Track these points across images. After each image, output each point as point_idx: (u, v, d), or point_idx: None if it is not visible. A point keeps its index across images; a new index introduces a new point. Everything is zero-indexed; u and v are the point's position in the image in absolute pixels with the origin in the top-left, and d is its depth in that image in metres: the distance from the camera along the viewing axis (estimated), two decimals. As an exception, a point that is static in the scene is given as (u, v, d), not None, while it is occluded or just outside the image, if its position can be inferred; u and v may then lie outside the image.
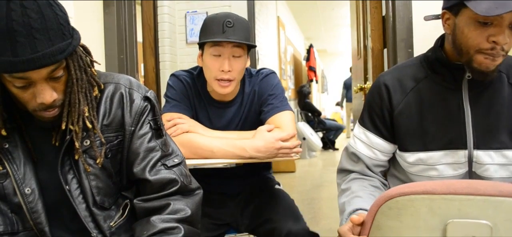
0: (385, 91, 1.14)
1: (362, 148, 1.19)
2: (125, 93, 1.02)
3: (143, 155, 1.02)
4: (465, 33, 0.99)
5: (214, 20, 1.40)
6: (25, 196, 0.94)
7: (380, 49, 2.28)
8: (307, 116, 7.55)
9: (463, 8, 0.98)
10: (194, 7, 3.50)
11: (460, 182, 0.72)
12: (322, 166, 6.14)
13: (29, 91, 0.86)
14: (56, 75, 0.87)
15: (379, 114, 1.16)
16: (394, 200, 0.74)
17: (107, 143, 1.00)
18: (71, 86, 0.91)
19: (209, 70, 1.42)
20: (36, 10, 0.80)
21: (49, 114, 0.90)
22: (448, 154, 1.08)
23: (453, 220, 0.70)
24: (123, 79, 1.05)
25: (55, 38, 0.82)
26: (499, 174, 1.07)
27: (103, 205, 1.01)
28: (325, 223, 3.23)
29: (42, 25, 0.80)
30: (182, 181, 1.02)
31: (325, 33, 11.55)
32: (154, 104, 1.05)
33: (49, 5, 0.82)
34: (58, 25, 0.83)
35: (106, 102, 1.00)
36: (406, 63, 1.19)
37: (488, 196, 0.69)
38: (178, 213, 0.98)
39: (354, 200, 1.06)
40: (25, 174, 0.95)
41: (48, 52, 0.81)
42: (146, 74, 3.33)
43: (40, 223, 0.96)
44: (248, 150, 1.34)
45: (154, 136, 1.04)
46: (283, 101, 1.48)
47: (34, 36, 0.79)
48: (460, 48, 1.01)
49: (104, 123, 1.00)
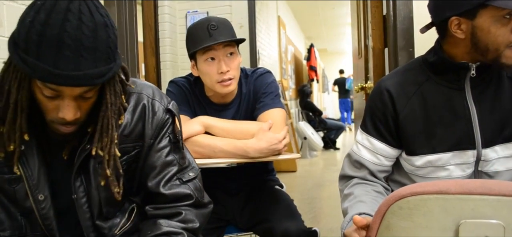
0: (388, 97, 1.14)
1: (365, 154, 1.18)
2: (147, 105, 1.00)
3: (159, 169, 0.99)
4: (493, 32, 1.00)
5: (198, 28, 1.42)
6: (38, 203, 0.92)
7: (381, 49, 2.28)
8: (308, 116, 7.54)
9: (481, 10, 0.99)
10: (194, 7, 3.50)
11: (473, 181, 0.71)
12: (323, 165, 6.14)
13: (54, 102, 0.83)
14: (87, 95, 0.84)
15: (382, 120, 1.15)
16: (406, 200, 0.73)
17: (124, 154, 0.97)
18: (105, 110, 0.88)
19: (208, 76, 1.43)
20: (92, 28, 0.77)
21: (66, 129, 0.87)
22: (456, 155, 1.08)
23: (466, 220, 0.69)
24: (145, 88, 1.02)
25: (100, 60, 0.79)
26: (506, 166, 1.08)
27: (108, 216, 1.00)
28: (326, 222, 3.23)
29: (92, 45, 0.77)
30: (196, 197, 1.01)
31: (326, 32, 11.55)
32: (175, 117, 1.03)
33: (105, 26, 0.80)
34: (107, 48, 0.80)
35: (128, 112, 0.97)
36: (405, 67, 1.19)
37: (502, 196, 0.68)
38: (187, 223, 0.97)
39: (357, 204, 1.06)
40: (39, 180, 0.91)
41: (90, 73, 0.78)
42: (147, 74, 3.33)
43: (52, 230, 0.95)
44: (250, 152, 1.34)
45: (172, 150, 1.02)
46: (274, 99, 1.49)
47: (81, 53, 0.76)
48: (487, 47, 1.02)
49: (124, 134, 0.97)
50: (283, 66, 6.73)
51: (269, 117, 1.43)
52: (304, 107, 7.61)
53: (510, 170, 1.09)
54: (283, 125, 1.43)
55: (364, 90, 2.67)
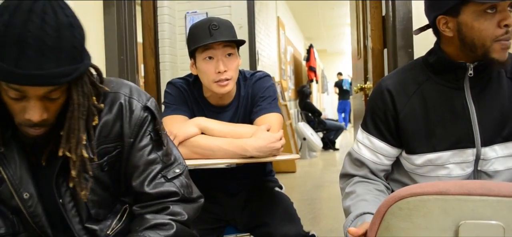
0: (388, 96, 1.14)
1: (366, 153, 1.19)
2: (124, 103, 0.98)
3: (142, 168, 0.98)
4: (476, 27, 1.00)
5: (199, 27, 1.43)
6: (24, 201, 0.92)
7: (380, 49, 2.28)
8: (307, 116, 7.55)
9: (463, 6, 1.00)
10: (194, 7, 3.51)
11: (473, 182, 0.72)
12: (323, 166, 6.14)
13: (21, 104, 0.82)
14: (53, 96, 0.83)
15: (383, 119, 1.16)
16: (405, 201, 0.72)
17: (105, 154, 0.97)
18: (72, 111, 0.86)
19: (206, 75, 1.44)
20: (55, 28, 0.76)
21: (35, 132, 0.86)
22: (456, 154, 1.09)
23: (465, 221, 0.69)
24: (123, 87, 1.01)
25: (64, 60, 0.78)
26: (506, 166, 1.08)
27: (98, 218, 0.99)
28: (325, 223, 3.23)
29: (56, 44, 0.76)
30: (182, 193, 0.99)
31: (325, 33, 11.56)
32: (154, 114, 1.01)
33: (70, 26, 0.79)
34: (72, 48, 0.79)
35: (104, 113, 0.96)
36: (405, 67, 1.20)
37: (502, 197, 0.68)
38: (175, 215, 0.96)
39: (359, 203, 1.06)
40: (22, 179, 0.92)
41: (53, 72, 0.77)
42: (146, 74, 3.33)
43: (42, 227, 0.95)
44: (249, 150, 1.34)
45: (154, 148, 1.00)
46: (272, 103, 1.50)
47: (44, 53, 0.75)
48: (474, 43, 1.02)
49: (102, 135, 0.96)
50: (282, 66, 6.74)
51: (265, 121, 1.44)
52: (304, 107, 7.61)
53: (510, 169, 1.09)
54: (279, 128, 1.44)
55: (363, 90, 2.67)
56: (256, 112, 1.48)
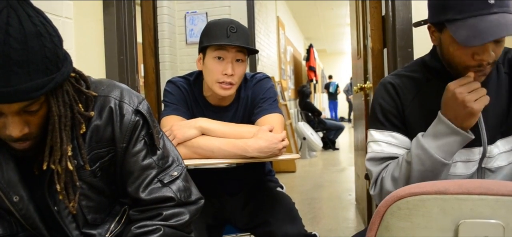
0: (393, 90, 1.14)
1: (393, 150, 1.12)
2: (114, 107, 0.94)
3: (137, 174, 0.96)
4: (451, 52, 1.01)
5: (218, 25, 1.44)
6: (14, 204, 0.90)
7: (380, 49, 2.28)
8: (307, 116, 7.55)
9: (444, 27, 1.00)
10: (193, 7, 3.51)
11: (472, 181, 0.72)
12: (323, 166, 6.14)
13: (1, 121, 0.80)
14: (32, 109, 0.80)
15: (395, 113, 1.13)
16: (404, 200, 0.73)
17: (97, 160, 0.95)
18: (53, 123, 0.83)
19: (212, 73, 1.43)
20: (21, 40, 0.72)
21: (19, 146, 0.84)
22: (462, 152, 1.08)
23: (465, 221, 0.69)
24: (113, 90, 0.97)
25: (35, 72, 0.74)
26: (508, 160, 1.08)
27: (96, 223, 0.98)
28: (325, 222, 3.23)
29: (23, 58, 0.72)
30: (179, 198, 0.97)
31: (325, 33, 11.57)
32: (146, 118, 0.97)
33: (37, 36, 0.75)
34: (43, 59, 0.75)
35: (95, 118, 0.93)
36: (405, 68, 1.19)
37: (501, 196, 0.68)
38: (168, 220, 0.94)
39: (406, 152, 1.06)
40: (10, 181, 0.89)
41: (23, 88, 0.73)
42: (146, 74, 3.33)
43: (37, 228, 0.94)
44: (250, 151, 1.34)
45: (149, 153, 0.97)
46: (273, 104, 1.50)
47: (11, 68, 0.72)
48: (449, 62, 1.05)
49: (94, 140, 0.93)
50: (282, 66, 6.74)
51: (267, 122, 1.43)
52: (304, 107, 7.61)
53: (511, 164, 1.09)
54: (281, 129, 1.44)
55: (363, 90, 2.67)
56: (258, 113, 1.48)
